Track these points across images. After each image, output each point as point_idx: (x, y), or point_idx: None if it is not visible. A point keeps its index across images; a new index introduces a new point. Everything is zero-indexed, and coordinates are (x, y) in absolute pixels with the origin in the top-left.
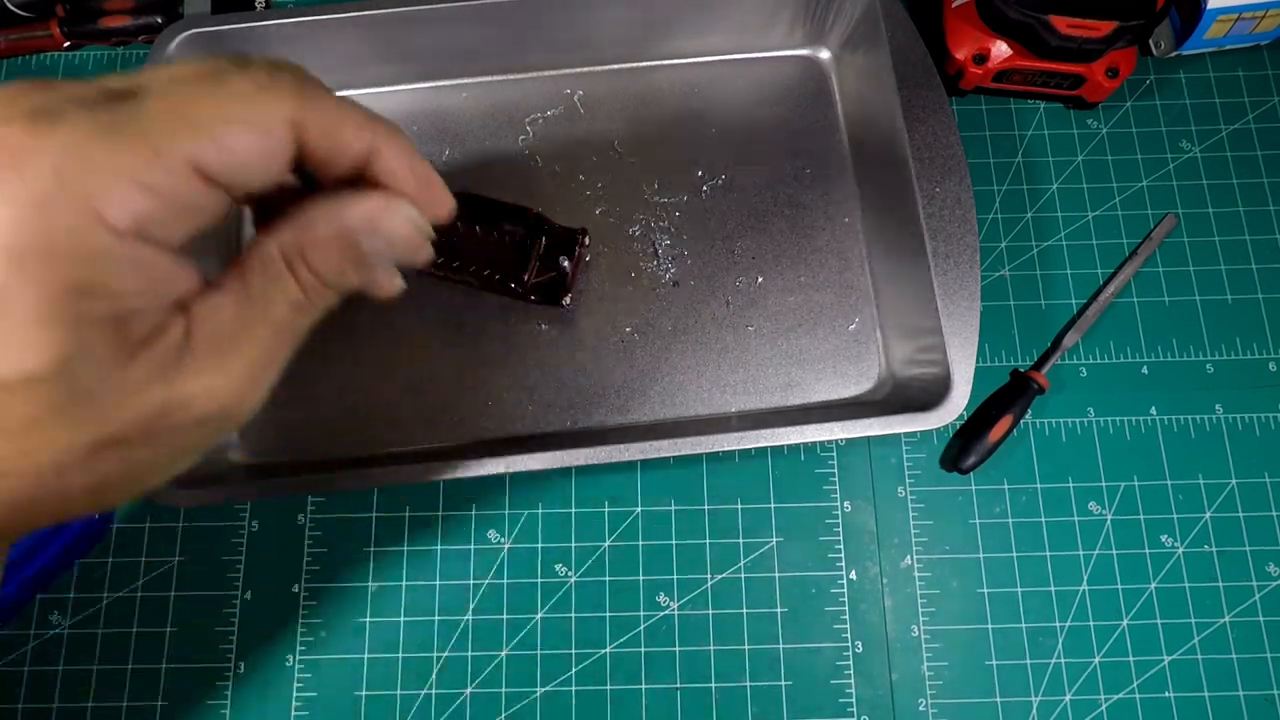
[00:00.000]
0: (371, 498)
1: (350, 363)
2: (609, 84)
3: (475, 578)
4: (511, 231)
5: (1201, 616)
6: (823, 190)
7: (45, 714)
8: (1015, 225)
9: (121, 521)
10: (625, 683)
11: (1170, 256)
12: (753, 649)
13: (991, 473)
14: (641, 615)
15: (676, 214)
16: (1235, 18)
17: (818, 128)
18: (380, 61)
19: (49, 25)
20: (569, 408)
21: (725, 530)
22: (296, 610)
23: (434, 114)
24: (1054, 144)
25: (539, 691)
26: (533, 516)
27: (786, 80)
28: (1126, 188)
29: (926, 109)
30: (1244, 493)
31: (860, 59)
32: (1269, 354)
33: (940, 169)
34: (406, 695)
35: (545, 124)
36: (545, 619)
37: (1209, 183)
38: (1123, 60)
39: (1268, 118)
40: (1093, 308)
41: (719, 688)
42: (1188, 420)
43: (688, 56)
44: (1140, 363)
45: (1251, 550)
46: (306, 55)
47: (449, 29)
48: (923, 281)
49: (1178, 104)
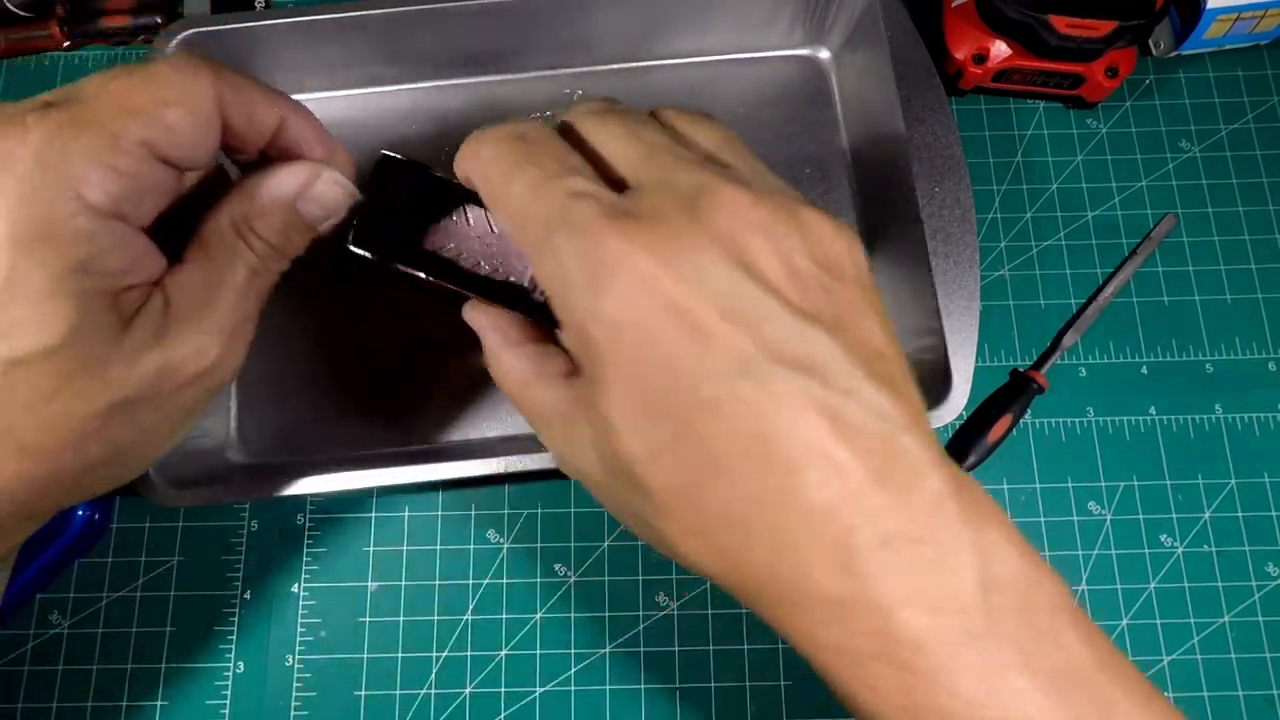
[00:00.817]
0: (371, 498)
1: (351, 363)
2: (609, 84)
3: (475, 578)
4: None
5: (1201, 616)
6: (822, 190)
7: (45, 714)
8: (1015, 225)
9: (121, 521)
10: (625, 683)
11: (1170, 256)
12: (752, 649)
13: (991, 472)
14: (641, 615)
15: None
16: (1235, 18)
17: (818, 128)
18: (380, 61)
19: (49, 25)
20: None
21: None
22: (296, 610)
23: (434, 114)
24: (1053, 144)
25: (539, 691)
26: (532, 516)
27: (786, 80)
28: (1126, 187)
29: (926, 109)
30: (1243, 493)
31: (860, 59)
32: (1269, 354)
33: (940, 169)
34: (406, 695)
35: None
36: (545, 619)
37: (1208, 183)
38: (1122, 60)
39: (1267, 117)
40: (1092, 307)
41: (719, 687)
42: (1187, 420)
43: (688, 56)
44: (1140, 363)
45: (1251, 550)
46: (306, 55)
47: (449, 29)
48: (922, 281)
49: (1177, 104)
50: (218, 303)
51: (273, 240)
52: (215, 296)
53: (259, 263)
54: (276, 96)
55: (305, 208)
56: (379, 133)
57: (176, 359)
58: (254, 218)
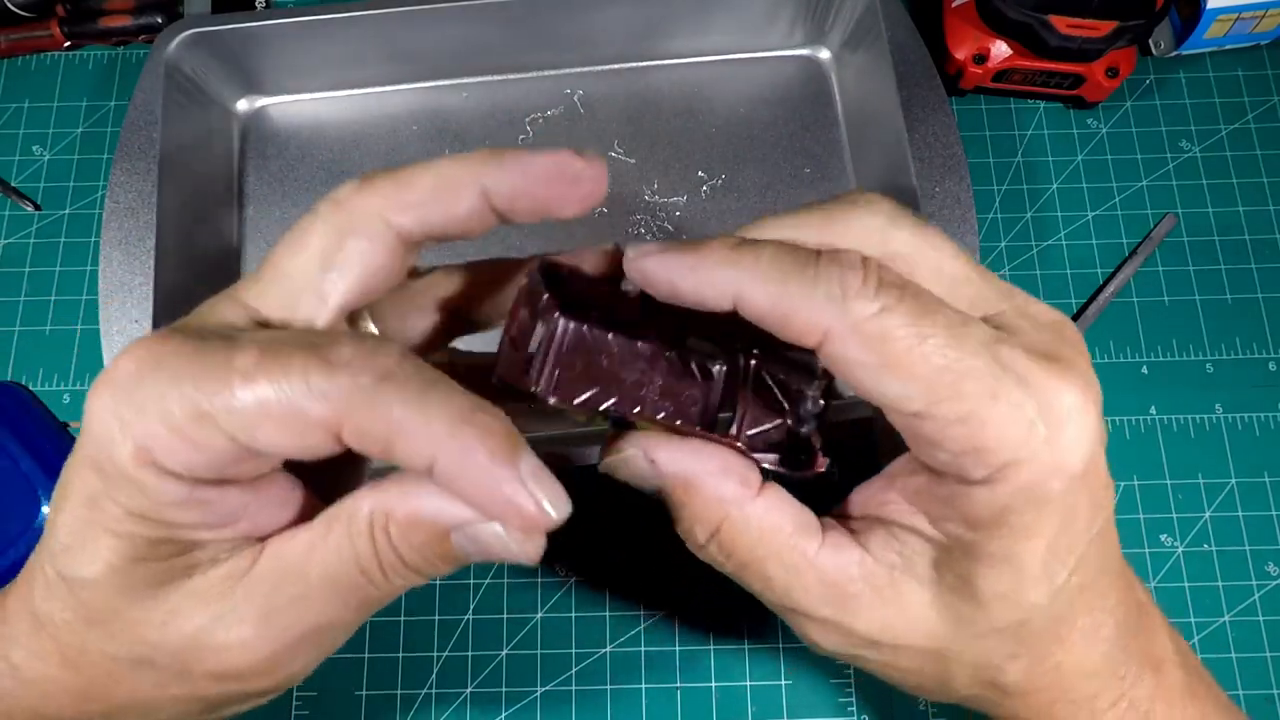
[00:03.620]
0: None
1: None
2: (609, 84)
3: (475, 578)
4: (699, 350)
5: (1201, 616)
6: (823, 190)
7: None
8: (1015, 225)
9: None
10: (625, 683)
11: (1170, 256)
12: (753, 649)
13: None
14: (641, 615)
15: (676, 214)
16: (1235, 17)
17: (818, 128)
18: (380, 61)
19: (49, 25)
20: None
21: None
22: None
23: (434, 114)
24: (1054, 144)
25: (539, 691)
26: None
27: (786, 80)
28: (1126, 187)
29: (926, 109)
30: (1243, 492)
31: (860, 59)
32: (1269, 354)
33: (940, 169)
34: (406, 695)
35: (545, 124)
36: (545, 619)
37: (1209, 182)
38: (1122, 60)
39: (1267, 117)
40: (1092, 307)
41: (719, 687)
42: (1187, 420)
43: (688, 56)
44: (1140, 362)
45: (1251, 549)
46: (306, 55)
47: (449, 29)
48: None
49: (1177, 104)
50: (300, 595)
51: (408, 557)
52: (303, 586)
53: (379, 573)
54: (441, 432)
55: (460, 542)
56: (379, 133)
57: (209, 642)
58: (395, 522)
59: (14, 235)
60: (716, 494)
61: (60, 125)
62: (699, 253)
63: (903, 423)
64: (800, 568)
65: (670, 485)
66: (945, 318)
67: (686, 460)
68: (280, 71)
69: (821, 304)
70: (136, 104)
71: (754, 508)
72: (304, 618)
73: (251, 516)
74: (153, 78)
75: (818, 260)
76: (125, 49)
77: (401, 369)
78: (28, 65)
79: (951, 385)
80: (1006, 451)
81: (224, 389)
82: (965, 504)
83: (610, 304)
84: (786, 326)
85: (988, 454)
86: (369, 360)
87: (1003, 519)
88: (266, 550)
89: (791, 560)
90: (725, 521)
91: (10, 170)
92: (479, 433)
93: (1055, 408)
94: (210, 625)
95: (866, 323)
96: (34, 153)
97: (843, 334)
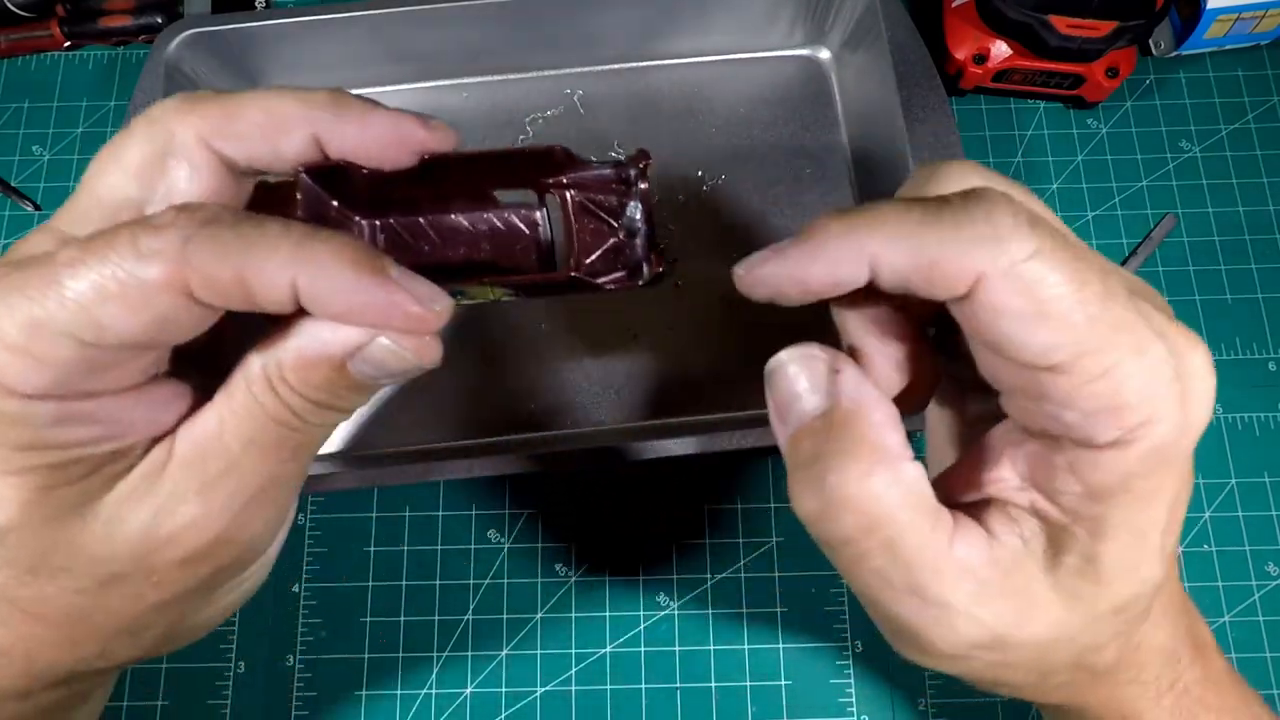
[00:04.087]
0: (371, 498)
1: None
2: (609, 84)
3: (475, 578)
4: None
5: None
6: (823, 190)
7: None
8: None
9: None
10: (625, 683)
11: (1170, 256)
12: (753, 649)
13: None
14: (641, 615)
15: (676, 214)
16: (1235, 18)
17: (818, 128)
18: (380, 61)
19: (49, 25)
20: (569, 408)
21: (725, 530)
22: (296, 610)
23: (434, 114)
24: (1054, 144)
25: (539, 691)
26: (533, 516)
27: (786, 80)
28: (1126, 187)
29: (926, 109)
30: (1243, 492)
31: (860, 59)
32: (1269, 354)
33: None
34: (406, 695)
35: (545, 124)
36: (545, 619)
37: (1208, 182)
38: (1122, 60)
39: (1267, 118)
40: None
41: (719, 687)
42: None
43: (688, 56)
44: None
45: (1251, 550)
46: (306, 55)
47: (449, 29)
48: None
49: (1177, 104)
50: (231, 464)
51: (314, 397)
52: (229, 456)
53: (295, 419)
54: (291, 251)
55: (359, 367)
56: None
57: (163, 532)
58: (290, 369)
59: (14, 235)
60: (881, 441)
61: (60, 125)
62: (812, 238)
63: (1027, 381)
64: (936, 547)
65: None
66: (1099, 263)
67: (867, 391)
68: (280, 72)
69: (970, 247)
70: (136, 104)
71: (907, 471)
72: (243, 482)
73: (152, 419)
74: (153, 78)
75: (955, 204)
76: (125, 49)
77: (228, 212)
78: (28, 65)
79: (1104, 337)
80: (1146, 408)
81: (51, 284)
82: (1089, 471)
83: (391, 183)
84: (932, 280)
85: (1126, 411)
86: (194, 213)
87: (1129, 484)
88: (179, 437)
89: (926, 539)
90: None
91: (10, 170)
92: (331, 248)
93: (1188, 365)
94: (153, 519)
95: (1023, 265)
96: (34, 153)
97: (996, 279)
